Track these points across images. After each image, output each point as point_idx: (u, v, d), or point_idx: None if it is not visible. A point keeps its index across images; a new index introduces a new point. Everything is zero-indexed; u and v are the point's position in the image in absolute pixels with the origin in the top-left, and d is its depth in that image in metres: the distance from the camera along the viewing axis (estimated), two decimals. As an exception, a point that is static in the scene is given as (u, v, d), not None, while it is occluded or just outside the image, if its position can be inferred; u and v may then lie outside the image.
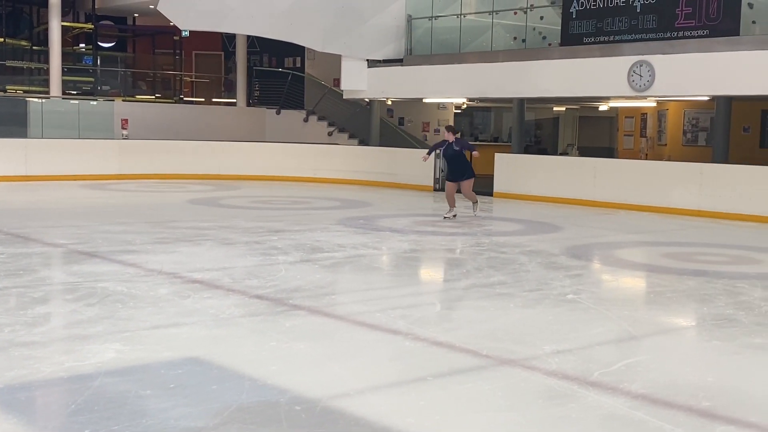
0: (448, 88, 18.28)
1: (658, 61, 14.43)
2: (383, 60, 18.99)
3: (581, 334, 5.98)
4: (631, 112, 21.42)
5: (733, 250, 10.45)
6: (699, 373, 5.13)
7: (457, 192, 13.02)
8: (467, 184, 12.91)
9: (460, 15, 18.35)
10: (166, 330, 5.76)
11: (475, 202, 13.24)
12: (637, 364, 5.25)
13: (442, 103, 23.31)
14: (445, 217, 12.84)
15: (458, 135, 13.40)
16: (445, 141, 13.11)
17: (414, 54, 18.87)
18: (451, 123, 24.18)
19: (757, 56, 13.29)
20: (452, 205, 12.93)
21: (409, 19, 18.92)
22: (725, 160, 14.64)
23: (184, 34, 24.66)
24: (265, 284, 7.35)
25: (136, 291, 6.92)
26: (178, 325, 5.89)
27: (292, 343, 5.49)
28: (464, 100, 20.78)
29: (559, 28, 16.08)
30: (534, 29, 17.38)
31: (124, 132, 20.84)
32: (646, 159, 19.79)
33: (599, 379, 4.82)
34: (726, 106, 14.65)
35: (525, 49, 17.17)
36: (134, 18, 27.26)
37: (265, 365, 4.96)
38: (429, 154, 13.89)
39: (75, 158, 18.70)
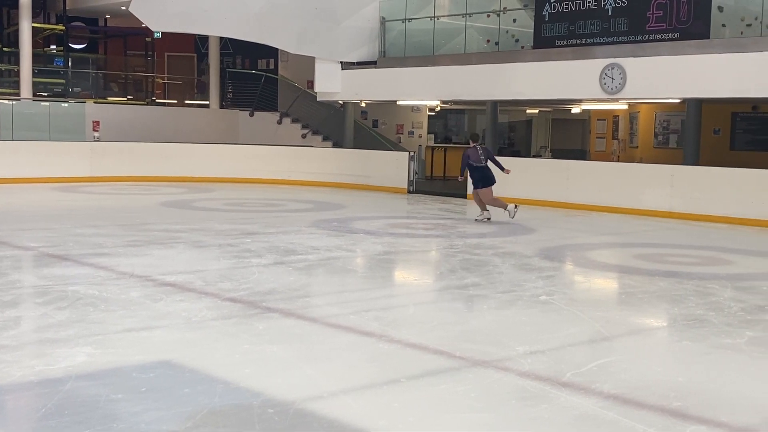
0: (421, 91, 18.32)
1: (629, 63, 14.57)
2: (357, 62, 18.99)
3: (554, 335, 6.01)
4: (603, 115, 21.58)
5: (704, 251, 10.56)
6: (670, 373, 5.17)
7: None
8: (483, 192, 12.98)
9: (434, 17, 18.40)
10: (137, 333, 5.71)
11: (504, 208, 13.04)
12: (609, 365, 5.28)
13: (416, 106, 23.35)
14: (476, 219, 13.00)
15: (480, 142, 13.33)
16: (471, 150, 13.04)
17: (388, 56, 18.90)
18: (422, 124, 24.24)
19: (727, 59, 13.45)
20: (483, 208, 13.04)
21: (383, 21, 18.94)
22: (696, 162, 14.79)
23: (156, 35, 24.51)
24: (239, 287, 7.32)
25: (108, 294, 6.86)
26: (149, 328, 5.85)
27: (265, 345, 5.47)
28: (438, 102, 20.83)
29: (532, 30, 16.19)
30: (507, 32, 17.47)
31: (96, 134, 20.67)
32: (618, 161, 19.94)
33: (571, 379, 4.84)
34: (696, 108, 14.80)
35: (498, 51, 17.25)
36: (106, 19, 27.06)
37: (237, 368, 4.93)
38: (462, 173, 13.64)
39: (46, 161, 18.51)
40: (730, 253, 10.46)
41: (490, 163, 12.96)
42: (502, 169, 13.16)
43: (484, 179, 12.93)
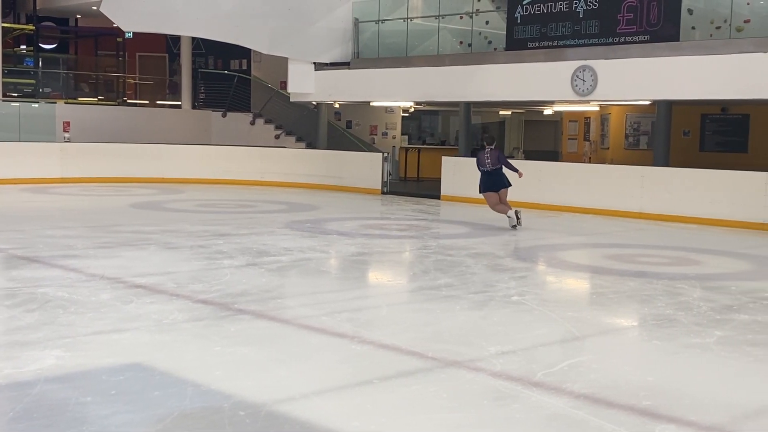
0: (395, 92, 18.34)
1: (600, 66, 14.67)
2: (330, 63, 18.97)
3: (525, 335, 6.04)
4: (574, 116, 21.72)
5: (674, 252, 10.66)
6: (640, 372, 5.21)
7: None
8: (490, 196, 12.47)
9: (407, 19, 18.42)
10: (107, 336, 5.67)
11: (504, 213, 12.40)
12: (580, 365, 5.32)
13: (390, 107, 23.37)
14: (513, 227, 12.22)
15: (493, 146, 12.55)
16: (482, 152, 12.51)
17: (361, 57, 18.89)
18: (396, 124, 24.27)
19: (697, 61, 13.59)
20: (503, 211, 12.39)
21: (356, 22, 18.93)
22: (666, 163, 14.92)
23: (127, 35, 24.33)
24: (210, 288, 7.28)
25: (78, 296, 6.80)
26: (120, 330, 5.81)
27: (236, 347, 5.45)
28: (411, 103, 20.86)
29: (505, 32, 16.25)
30: (480, 34, 17.53)
31: (66, 135, 20.47)
32: (590, 162, 20.08)
33: (543, 379, 4.87)
34: (666, 110, 14.93)
35: (471, 53, 17.31)
36: (76, 19, 26.81)
37: (209, 370, 4.91)
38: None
39: (16, 161, 18.32)
40: (700, 253, 10.57)
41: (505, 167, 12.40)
42: (516, 170, 12.50)
43: (485, 184, 12.47)
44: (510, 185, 12.47)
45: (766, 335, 6.18)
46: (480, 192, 12.64)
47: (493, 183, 12.41)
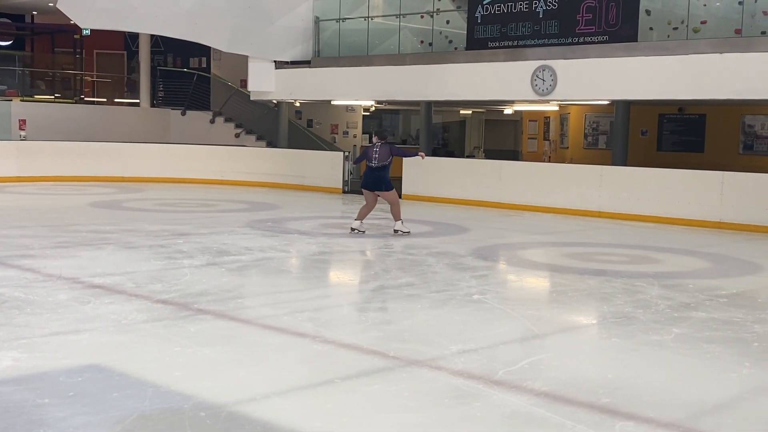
0: (356, 91, 18.33)
1: (560, 65, 14.80)
2: (291, 61, 18.90)
3: (486, 334, 6.07)
4: (534, 116, 21.88)
5: (632, 250, 10.79)
6: (599, 369, 5.27)
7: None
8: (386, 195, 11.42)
9: (368, 18, 18.42)
10: (65, 336, 5.58)
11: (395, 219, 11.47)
12: (540, 362, 5.36)
13: (351, 106, 23.34)
14: (397, 231, 11.38)
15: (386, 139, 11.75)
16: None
17: (322, 56, 18.85)
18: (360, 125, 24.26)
19: (655, 62, 13.77)
20: (365, 215, 11.52)
21: (317, 20, 18.89)
22: (624, 162, 15.10)
23: (84, 32, 23.96)
24: (170, 288, 7.21)
25: (34, 297, 6.69)
26: (77, 331, 5.72)
27: (196, 348, 5.40)
28: (372, 102, 20.86)
29: (465, 32, 16.32)
30: (440, 33, 17.59)
31: (22, 133, 20.13)
32: (549, 162, 20.24)
33: (503, 377, 4.90)
34: (625, 110, 15.11)
35: (432, 52, 17.36)
36: (33, 16, 26.39)
37: (168, 371, 4.86)
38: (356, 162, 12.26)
39: (-30, 160, 17.99)
40: (658, 251, 10.71)
41: (406, 160, 11.46)
42: (414, 155, 12.14)
43: (364, 179, 11.44)
44: (391, 188, 11.39)
45: (723, 332, 6.28)
46: (361, 187, 11.71)
47: (373, 181, 11.30)
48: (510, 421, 4.22)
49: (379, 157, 11.26)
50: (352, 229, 11.40)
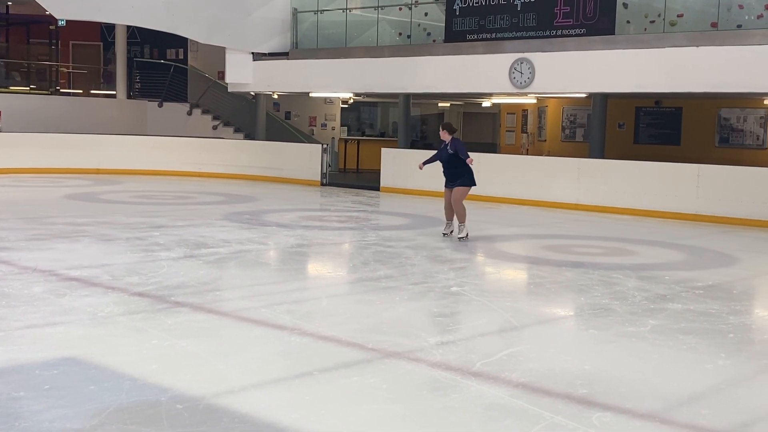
0: (334, 83, 18.28)
1: (537, 58, 14.84)
2: (269, 53, 18.82)
3: (464, 326, 6.08)
4: (512, 109, 21.93)
5: (609, 242, 10.85)
6: (576, 361, 5.29)
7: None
8: (459, 192, 10.65)
9: (346, 9, 18.37)
10: (40, 329, 5.53)
11: (461, 222, 10.58)
12: (518, 354, 5.38)
13: (329, 98, 23.29)
14: (444, 234, 10.80)
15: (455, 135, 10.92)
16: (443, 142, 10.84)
17: (300, 48, 18.79)
18: (329, 116, 24.20)
19: (632, 55, 13.84)
20: (449, 218, 10.88)
21: (295, 12, 18.82)
22: (601, 155, 15.17)
23: (60, 23, 23.66)
24: (147, 281, 7.17)
25: (9, 289, 6.62)
26: (53, 324, 5.67)
27: (174, 340, 5.37)
28: (351, 94, 20.82)
29: (443, 24, 16.31)
30: (419, 25, 17.58)
31: (-3, 124, 19.93)
32: (527, 154, 20.30)
33: (481, 369, 4.91)
34: (602, 103, 15.18)
35: (410, 45, 17.34)
36: (7, 6, 26.06)
37: (145, 364, 4.83)
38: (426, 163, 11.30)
39: (-57, 152, 17.77)
40: (634, 244, 10.78)
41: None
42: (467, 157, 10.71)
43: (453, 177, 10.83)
44: (467, 185, 10.79)
45: (699, 324, 6.33)
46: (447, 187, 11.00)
47: (450, 176, 10.86)
48: (488, 413, 4.23)
49: (454, 153, 10.63)
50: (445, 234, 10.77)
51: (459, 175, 10.67)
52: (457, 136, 10.90)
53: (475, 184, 10.84)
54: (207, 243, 9.42)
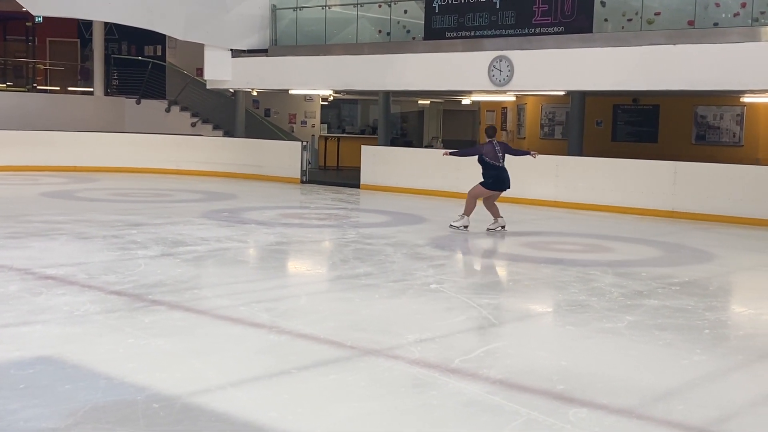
0: (314, 80, 18.24)
1: (516, 56, 14.88)
2: (248, 50, 18.75)
3: (443, 323, 6.09)
4: (492, 106, 21.98)
5: (587, 239, 10.90)
6: (554, 357, 5.31)
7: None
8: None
9: (325, 6, 18.33)
10: (16, 328, 5.49)
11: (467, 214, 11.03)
12: (496, 350, 5.39)
13: (309, 95, 23.25)
14: (452, 225, 11.05)
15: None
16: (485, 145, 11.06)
17: (279, 45, 18.74)
18: (313, 114, 24.16)
19: (609, 53, 13.90)
20: (496, 215, 11.13)
21: (274, 9, 18.76)
22: (580, 152, 15.24)
23: (37, 19, 23.50)
24: (124, 279, 7.13)
25: (-16, 289, 6.57)
26: (29, 323, 5.63)
27: (151, 339, 5.34)
28: (330, 92, 20.78)
29: (423, 22, 16.32)
30: (398, 23, 17.57)
31: (-28, 121, 19.73)
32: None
33: (460, 366, 4.92)
34: (580, 100, 15.24)
35: (390, 42, 17.34)
36: (-17, 2, 25.84)
37: (122, 363, 4.80)
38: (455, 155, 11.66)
39: None
40: (612, 240, 10.84)
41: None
42: (527, 153, 11.48)
43: (500, 181, 10.98)
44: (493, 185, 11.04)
45: (675, 320, 6.37)
46: (491, 190, 11.09)
47: (505, 179, 11.01)
48: (465, 409, 4.24)
49: (503, 156, 10.98)
50: (488, 229, 11.07)
51: (507, 178, 10.98)
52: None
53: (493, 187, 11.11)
54: (185, 241, 9.38)
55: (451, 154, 11.66)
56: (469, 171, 15.85)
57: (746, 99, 15.56)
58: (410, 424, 4.06)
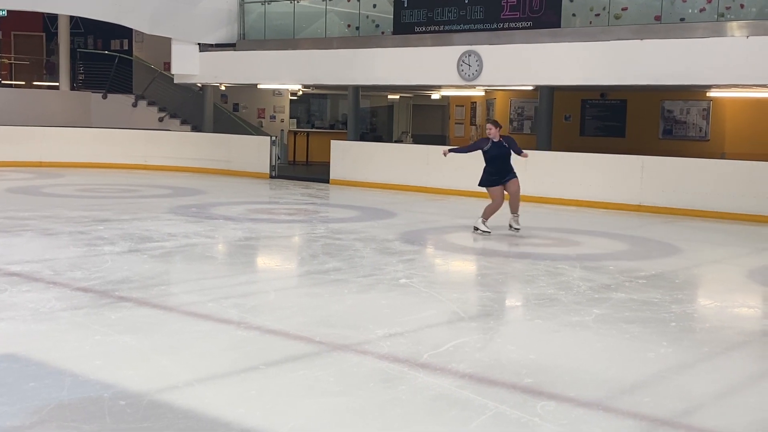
0: (282, 75, 18.16)
1: (485, 51, 14.91)
2: (216, 44, 18.62)
3: (413, 318, 6.09)
4: (461, 101, 22.02)
5: (555, 233, 10.97)
6: (522, 351, 5.34)
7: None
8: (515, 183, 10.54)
9: (294, 0, 18.25)
10: (-21, 327, 5.41)
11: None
12: (465, 345, 5.40)
13: (278, 90, 23.15)
14: (477, 229, 10.51)
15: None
16: (486, 139, 10.63)
17: (247, 39, 18.62)
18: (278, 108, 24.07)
19: (577, 48, 13.98)
20: (514, 210, 10.58)
21: (242, 3, 18.64)
22: (548, 147, 15.32)
23: (1, 13, 23.22)
24: (90, 276, 7.05)
25: (-53, 286, 6.46)
26: (-7, 321, 5.55)
27: (117, 336, 5.29)
28: (299, 86, 20.71)
29: (392, 16, 16.30)
30: (367, 17, 17.54)
31: (-65, 116, 19.42)
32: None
33: (429, 360, 4.92)
34: (549, 95, 15.32)
35: (359, 36, 17.30)
36: (-55, -5, 25.40)
37: (88, 360, 4.75)
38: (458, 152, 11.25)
39: None
40: (579, 234, 10.91)
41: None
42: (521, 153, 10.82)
43: (492, 175, 10.58)
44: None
45: (642, 313, 6.43)
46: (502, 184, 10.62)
47: (494, 174, 10.57)
48: (434, 404, 4.25)
49: (505, 150, 10.59)
50: (475, 229, 10.56)
51: (510, 169, 10.60)
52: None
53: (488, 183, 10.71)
54: (152, 237, 9.30)
55: (451, 151, 11.25)
56: (435, 165, 15.91)
57: (712, 94, 15.73)
58: (379, 419, 4.05)
